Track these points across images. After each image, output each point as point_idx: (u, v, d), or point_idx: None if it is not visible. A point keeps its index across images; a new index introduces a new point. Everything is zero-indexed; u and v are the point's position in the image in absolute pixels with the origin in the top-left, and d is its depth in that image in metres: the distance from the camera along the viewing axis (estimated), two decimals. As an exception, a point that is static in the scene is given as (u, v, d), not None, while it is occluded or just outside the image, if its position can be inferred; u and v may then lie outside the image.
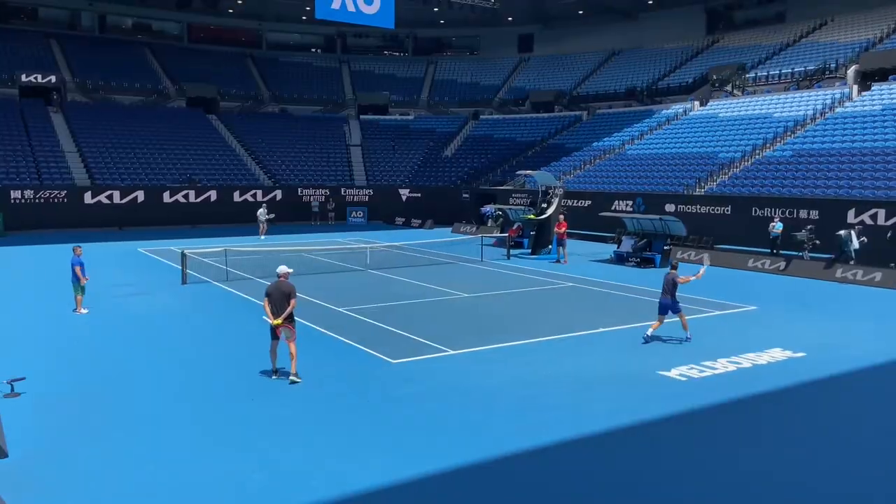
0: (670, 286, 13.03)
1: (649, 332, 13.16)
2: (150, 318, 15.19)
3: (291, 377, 10.44)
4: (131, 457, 7.87)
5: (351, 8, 29.93)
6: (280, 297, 10.47)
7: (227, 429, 8.72)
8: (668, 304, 13.04)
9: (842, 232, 21.37)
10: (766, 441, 8.51)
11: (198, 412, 9.32)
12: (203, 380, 10.76)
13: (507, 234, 28.17)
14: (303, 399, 9.87)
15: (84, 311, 15.47)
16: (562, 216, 25.45)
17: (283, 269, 10.84)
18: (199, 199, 38.55)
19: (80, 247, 15.71)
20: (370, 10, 30.65)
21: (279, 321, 10.36)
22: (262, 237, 32.00)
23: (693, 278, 13.43)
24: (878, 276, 19.76)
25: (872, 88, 32.66)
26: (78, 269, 15.25)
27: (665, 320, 13.19)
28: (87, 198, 35.97)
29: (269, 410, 9.39)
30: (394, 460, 7.84)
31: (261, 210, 33.75)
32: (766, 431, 8.86)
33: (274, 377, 10.66)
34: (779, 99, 36.08)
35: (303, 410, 9.40)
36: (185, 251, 20.19)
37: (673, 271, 13.30)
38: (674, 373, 11.15)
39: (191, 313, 15.83)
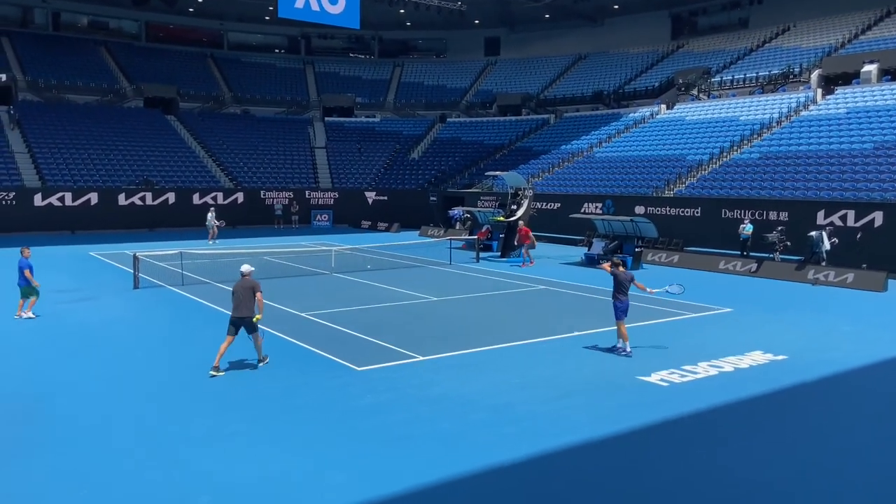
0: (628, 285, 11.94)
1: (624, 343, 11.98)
2: (96, 324, 14.15)
3: (261, 363, 11.11)
4: (64, 476, 6.98)
5: (315, 7, 29.08)
6: (245, 293, 10.67)
7: (174, 445, 7.87)
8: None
9: (813, 233, 21.23)
10: (758, 448, 7.97)
11: (142, 427, 8.44)
12: (150, 390, 9.86)
13: (475, 237, 27.55)
14: (259, 411, 9.05)
15: (32, 315, 14.43)
16: (521, 222, 24.87)
17: (246, 267, 11.05)
18: (156, 202, 37.19)
19: (28, 248, 14.68)
20: (335, 9, 29.81)
21: (259, 316, 10.71)
22: (211, 242, 30.15)
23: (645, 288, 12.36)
24: (850, 277, 19.60)
25: (836, 92, 32.95)
26: (28, 272, 14.21)
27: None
28: (38, 200, 34.39)
29: (222, 424, 8.55)
30: (357, 478, 7.09)
31: (210, 214, 31.86)
32: (757, 438, 8.31)
33: (212, 374, 10.46)
34: (744, 102, 36.24)
35: (259, 424, 8.59)
36: (138, 254, 19.12)
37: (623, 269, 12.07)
38: (654, 378, 10.60)
39: (140, 319, 14.82)
